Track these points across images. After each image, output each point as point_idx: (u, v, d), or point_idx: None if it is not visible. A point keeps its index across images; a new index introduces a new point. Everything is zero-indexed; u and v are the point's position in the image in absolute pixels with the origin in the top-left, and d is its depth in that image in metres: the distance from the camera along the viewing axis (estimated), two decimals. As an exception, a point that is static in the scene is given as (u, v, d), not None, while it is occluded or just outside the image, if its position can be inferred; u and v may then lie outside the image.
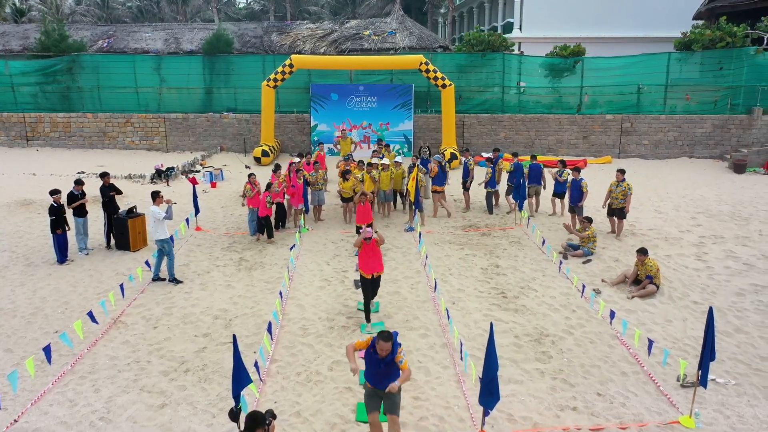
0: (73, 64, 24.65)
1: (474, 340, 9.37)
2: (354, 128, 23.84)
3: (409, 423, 7.18)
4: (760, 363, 8.62)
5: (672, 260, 12.66)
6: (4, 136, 25.16)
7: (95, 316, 9.39)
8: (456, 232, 14.98)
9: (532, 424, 7.18)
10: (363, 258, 9.60)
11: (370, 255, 9.59)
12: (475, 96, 23.85)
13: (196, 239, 14.54)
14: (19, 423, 7.19)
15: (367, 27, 26.59)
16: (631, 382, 8.15)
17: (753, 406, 7.55)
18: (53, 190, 12.87)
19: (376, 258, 9.63)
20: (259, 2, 59.08)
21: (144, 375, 8.37)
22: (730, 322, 9.89)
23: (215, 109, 24.62)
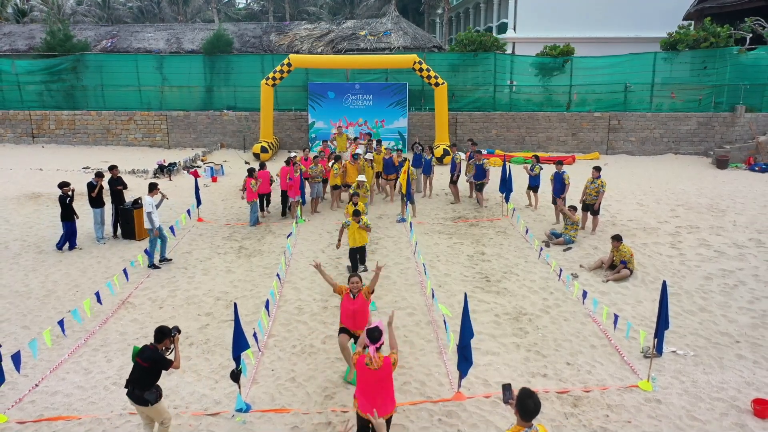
0: (78, 64, 25.38)
1: (457, 318, 10.05)
2: (350, 125, 24.56)
3: (394, 387, 7.90)
4: (719, 337, 9.36)
5: (648, 248, 13.39)
6: (10, 133, 25.88)
7: (101, 298, 10.16)
8: (446, 222, 15.71)
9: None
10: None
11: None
12: (468, 94, 24.59)
13: (198, 230, 15.26)
14: (40, 387, 7.93)
15: (363, 27, 27.32)
16: (599, 354, 8.89)
17: (707, 374, 8.29)
18: (62, 182, 13.60)
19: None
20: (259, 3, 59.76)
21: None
22: (695, 303, 10.63)
23: (215, 107, 25.36)
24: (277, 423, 7.12)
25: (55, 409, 7.37)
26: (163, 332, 6.43)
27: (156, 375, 6.34)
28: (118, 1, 70.71)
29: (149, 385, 6.29)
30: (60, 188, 13.44)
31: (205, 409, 7.45)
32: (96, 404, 7.53)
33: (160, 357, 6.33)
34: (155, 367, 6.28)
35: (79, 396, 7.71)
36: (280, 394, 7.80)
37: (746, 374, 8.26)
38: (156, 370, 6.31)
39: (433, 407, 7.46)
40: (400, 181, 15.92)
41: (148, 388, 6.27)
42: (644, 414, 7.36)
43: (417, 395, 7.74)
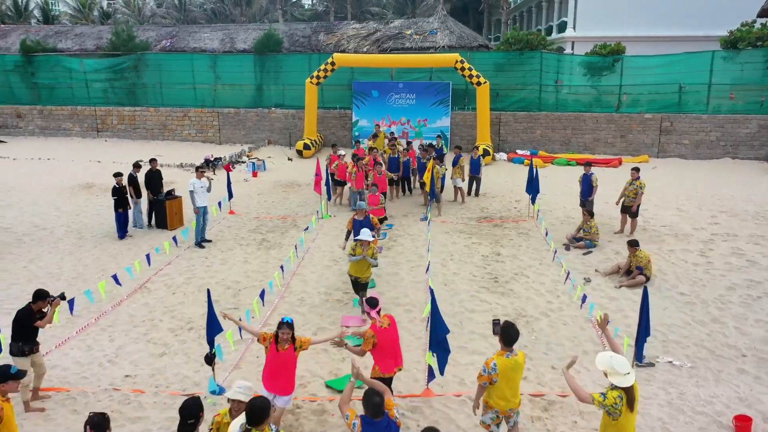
0: (139, 62, 26.83)
1: (453, 316, 10.05)
2: (393, 124, 24.71)
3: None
4: (724, 350, 8.89)
5: (673, 255, 12.82)
6: (78, 127, 27.69)
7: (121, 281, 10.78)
8: (470, 222, 15.59)
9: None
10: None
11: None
12: (513, 94, 24.19)
13: (228, 222, 15.84)
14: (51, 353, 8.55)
15: (410, 26, 27.38)
16: (589, 360, 8.62)
17: (699, 387, 7.91)
18: (116, 173, 14.50)
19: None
20: (323, 3, 60.85)
21: (154, 330, 9.61)
22: (709, 313, 10.10)
23: (264, 105, 26.15)
24: (245, 407, 7.37)
25: (50, 381, 7.93)
26: (38, 295, 7.39)
27: (26, 329, 7.21)
28: (194, 4, 73.84)
29: (18, 338, 7.19)
30: (114, 177, 14.34)
31: (184, 389, 7.82)
32: (87, 379, 8.06)
33: (27, 314, 7.23)
34: (21, 321, 7.20)
35: (74, 371, 8.27)
36: (258, 380, 8.05)
37: (742, 389, 7.82)
38: (24, 325, 7.17)
39: (400, 401, 7.51)
40: (425, 179, 15.92)
41: (16, 340, 7.20)
42: (617, 422, 7.11)
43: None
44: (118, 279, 10.57)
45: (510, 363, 5.94)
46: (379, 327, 6.71)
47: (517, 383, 6.10)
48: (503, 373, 5.88)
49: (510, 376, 5.95)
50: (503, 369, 5.88)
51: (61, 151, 24.96)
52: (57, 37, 29.94)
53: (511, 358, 5.94)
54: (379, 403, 4.94)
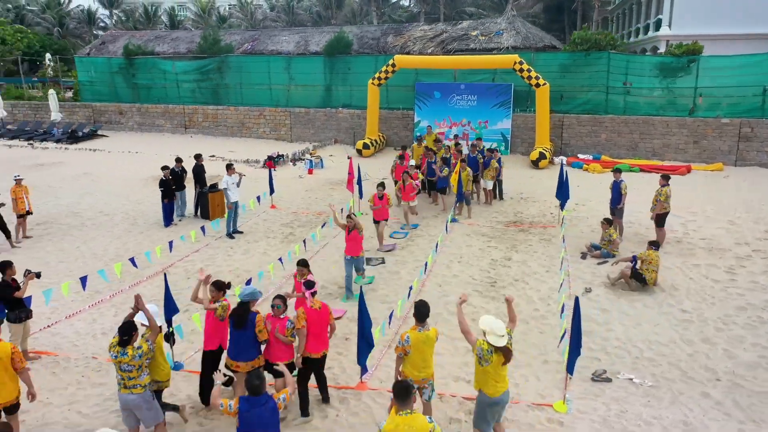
0: (222, 64, 28.81)
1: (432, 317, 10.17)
2: (454, 125, 24.72)
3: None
4: (699, 372, 8.37)
5: (696, 270, 12.03)
6: (168, 124, 30.23)
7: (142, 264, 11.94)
8: (497, 226, 15.43)
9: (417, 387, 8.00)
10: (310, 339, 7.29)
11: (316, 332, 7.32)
12: (578, 96, 23.34)
13: (267, 215, 16.79)
14: (51, 329, 9.74)
15: (476, 27, 27.12)
16: (545, 370, 8.50)
17: (647, 406, 7.56)
18: (163, 166, 15.95)
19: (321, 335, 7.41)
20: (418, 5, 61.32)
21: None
22: (702, 332, 9.49)
23: (333, 105, 27.11)
24: (194, 382, 8.04)
25: (47, 345, 9.08)
26: (3, 265, 8.50)
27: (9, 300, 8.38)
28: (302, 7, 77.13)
29: (12, 308, 8.40)
30: (162, 170, 15.80)
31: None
32: (77, 347, 9.13)
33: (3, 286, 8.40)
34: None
35: (71, 339, 9.39)
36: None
37: (694, 414, 7.38)
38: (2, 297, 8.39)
39: (333, 392, 7.85)
40: (451, 181, 15.96)
41: (11, 310, 8.39)
42: (537, 430, 7.03)
43: (330, 380, 8.15)
44: (135, 262, 11.71)
45: (421, 336, 6.62)
46: (309, 307, 7.24)
47: (428, 355, 6.73)
48: (415, 345, 6.56)
49: (421, 348, 6.62)
50: (415, 341, 6.57)
51: (150, 146, 27.38)
52: (156, 42, 32.82)
53: (423, 332, 6.65)
54: (257, 385, 5.38)
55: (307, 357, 7.21)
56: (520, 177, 20.57)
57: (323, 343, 7.30)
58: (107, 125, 31.34)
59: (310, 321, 7.15)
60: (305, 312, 7.16)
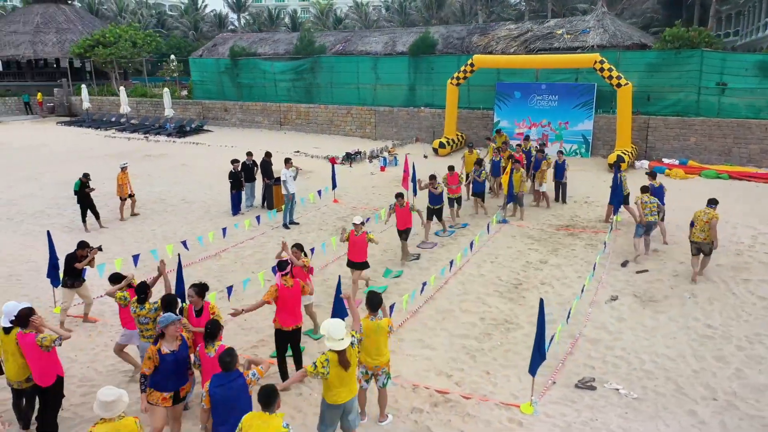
0: (315, 64, 30.22)
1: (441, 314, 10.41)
2: (533, 126, 24.23)
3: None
4: (696, 389, 7.95)
5: (744, 285, 11.20)
6: (266, 121, 32.23)
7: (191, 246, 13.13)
8: (547, 229, 15.14)
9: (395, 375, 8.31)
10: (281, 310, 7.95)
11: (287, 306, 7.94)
12: (666, 97, 21.95)
13: (327, 208, 17.61)
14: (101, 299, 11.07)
15: (562, 26, 26.19)
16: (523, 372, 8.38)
17: (621, 417, 7.36)
18: (233, 159, 17.33)
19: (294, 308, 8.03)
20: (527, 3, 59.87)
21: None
22: (720, 349, 8.93)
23: (416, 104, 27.53)
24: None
25: (93, 312, 10.39)
26: (80, 245, 9.89)
27: (71, 268, 9.70)
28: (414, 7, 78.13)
29: (66, 274, 9.76)
30: (231, 164, 17.19)
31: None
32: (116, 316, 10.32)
33: (71, 257, 9.75)
34: (68, 263, 9.75)
35: (114, 309, 10.58)
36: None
37: (669, 430, 7.08)
38: (70, 266, 9.74)
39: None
40: (501, 181, 15.84)
41: (65, 276, 9.77)
42: (493, 428, 7.12)
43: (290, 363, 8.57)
44: (187, 245, 12.93)
45: (373, 325, 6.88)
46: (282, 285, 7.91)
47: (380, 344, 6.97)
48: (366, 333, 6.85)
49: (372, 337, 6.89)
50: (366, 329, 6.86)
51: (246, 141, 29.35)
52: (260, 43, 35.03)
53: (375, 321, 6.92)
54: (228, 362, 5.84)
55: (279, 329, 7.89)
56: (593, 181, 19.84)
57: (295, 318, 7.95)
58: (213, 121, 34.00)
59: (282, 297, 7.80)
60: (277, 289, 7.79)
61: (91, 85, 41.73)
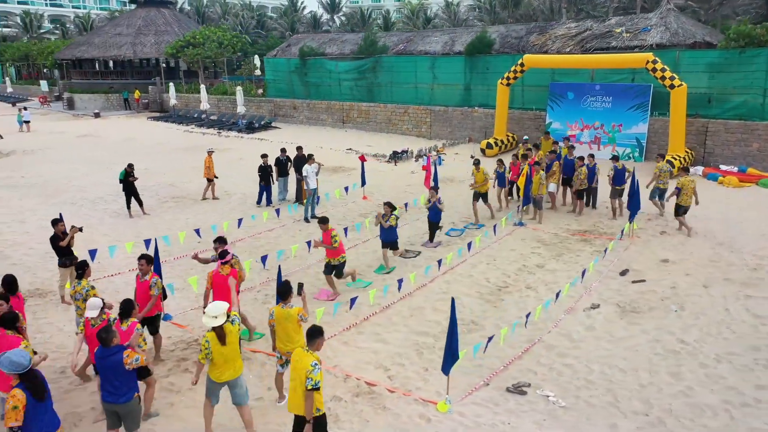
0: (376, 64, 30.72)
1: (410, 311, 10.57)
2: (586, 128, 23.36)
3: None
4: (631, 403, 7.71)
5: (745, 301, 10.47)
6: (330, 119, 33.20)
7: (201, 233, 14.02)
8: (560, 233, 14.74)
9: (333, 365, 8.63)
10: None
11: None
12: (729, 99, 20.39)
13: (355, 205, 18.06)
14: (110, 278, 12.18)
15: (623, 24, 24.81)
16: (462, 372, 8.39)
17: (537, 424, 7.30)
18: (263, 154, 18.27)
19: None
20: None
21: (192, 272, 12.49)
22: (680, 365, 8.50)
23: (471, 104, 27.32)
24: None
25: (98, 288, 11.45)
26: (54, 221, 10.79)
27: (58, 248, 10.65)
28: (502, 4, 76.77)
29: (61, 255, 10.70)
30: (261, 158, 18.13)
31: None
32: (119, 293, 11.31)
33: (53, 237, 10.70)
34: (53, 243, 10.70)
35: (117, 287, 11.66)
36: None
37: (579, 439, 6.92)
38: (55, 245, 10.69)
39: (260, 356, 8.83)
40: (519, 183, 15.55)
41: (60, 256, 10.69)
42: (400, 421, 7.27)
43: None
44: (199, 233, 13.85)
45: (284, 313, 7.34)
46: (218, 272, 8.60)
47: (291, 331, 7.39)
48: (278, 320, 7.38)
49: (283, 324, 7.38)
50: (278, 316, 7.38)
51: (307, 137, 30.37)
52: (329, 44, 36.04)
53: (285, 309, 7.35)
54: (104, 338, 6.33)
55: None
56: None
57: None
58: (283, 118, 35.48)
59: (216, 283, 8.49)
60: (211, 276, 8.45)
61: (180, 83, 44.76)
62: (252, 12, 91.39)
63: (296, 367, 6.06)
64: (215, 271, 8.56)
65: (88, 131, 36.03)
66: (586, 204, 16.70)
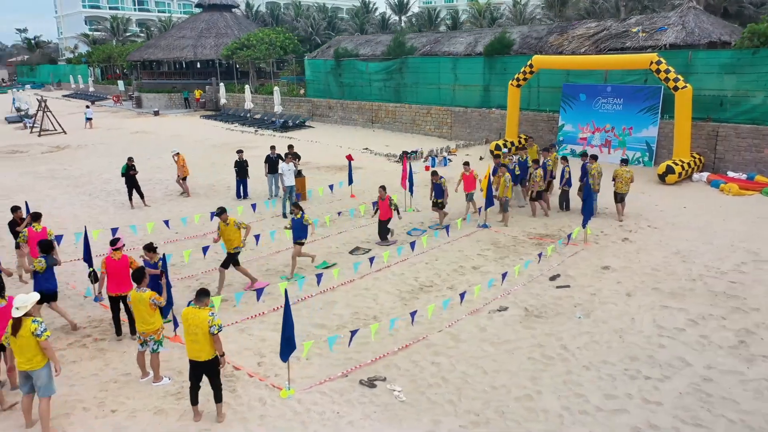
0: (402, 66, 31.02)
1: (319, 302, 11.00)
2: (597, 131, 22.68)
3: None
4: (467, 403, 7.80)
5: (657, 312, 10.15)
6: (360, 118, 33.86)
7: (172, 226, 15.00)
8: (518, 237, 14.62)
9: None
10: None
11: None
12: (742, 102, 19.20)
13: (341, 203, 18.54)
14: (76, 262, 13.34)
15: (641, 23, 23.62)
16: (330, 363, 8.74)
17: (365, 415, 7.60)
18: (238, 150, 19.34)
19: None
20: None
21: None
22: (542, 371, 8.49)
23: (489, 105, 27.11)
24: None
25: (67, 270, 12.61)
26: (13, 209, 12.20)
27: (14, 232, 11.79)
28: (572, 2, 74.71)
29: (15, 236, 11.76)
30: (237, 154, 19.10)
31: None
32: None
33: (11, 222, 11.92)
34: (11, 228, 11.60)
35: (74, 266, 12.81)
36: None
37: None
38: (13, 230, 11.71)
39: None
40: (481, 186, 15.50)
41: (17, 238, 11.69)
42: (237, 402, 7.76)
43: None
44: (168, 224, 14.85)
45: (137, 296, 8.14)
46: (111, 258, 9.45)
47: (143, 313, 8.11)
48: (134, 303, 8.19)
49: (137, 307, 8.13)
50: (133, 299, 8.17)
51: (333, 137, 31.19)
52: (365, 45, 36.63)
53: (139, 292, 8.12)
54: None
55: (110, 295, 9.46)
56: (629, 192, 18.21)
57: (123, 286, 9.42)
58: (320, 118, 36.52)
59: (109, 267, 9.36)
60: (105, 262, 9.34)
61: (232, 83, 46.89)
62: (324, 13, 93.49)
63: (191, 323, 7.15)
64: (108, 257, 9.37)
65: (142, 128, 38.62)
66: (561, 207, 16.42)
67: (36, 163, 26.53)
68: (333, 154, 26.43)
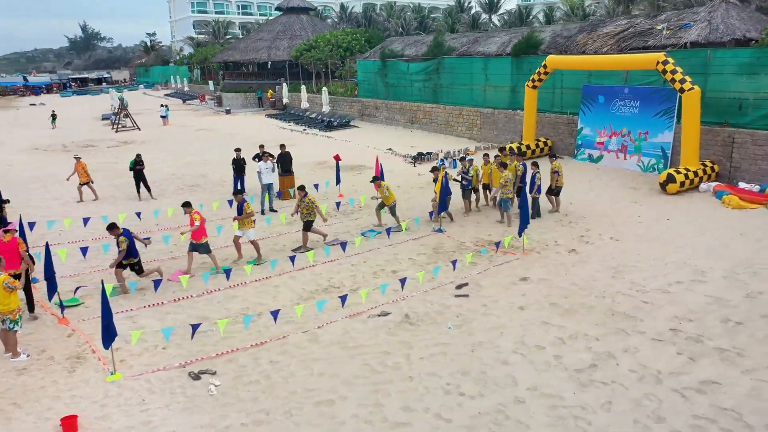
0: (440, 66, 30.66)
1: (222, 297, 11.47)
2: (614, 135, 21.31)
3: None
4: (272, 402, 7.90)
5: (529, 325, 9.59)
6: (402, 119, 33.94)
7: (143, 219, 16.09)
8: (467, 242, 14.26)
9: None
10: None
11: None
12: (762, 105, 17.22)
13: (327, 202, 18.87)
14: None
15: (669, 19, 21.51)
16: (176, 353, 9.18)
17: (165, 404, 7.91)
18: (236, 148, 20.03)
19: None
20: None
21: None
22: (390, 382, 8.38)
23: (516, 106, 26.21)
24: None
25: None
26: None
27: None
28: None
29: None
30: (235, 152, 19.93)
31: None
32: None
33: None
34: None
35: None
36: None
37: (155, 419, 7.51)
38: None
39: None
40: (435, 190, 15.19)
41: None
42: (66, 382, 8.40)
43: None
44: (140, 215, 15.94)
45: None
46: (1, 240, 10.46)
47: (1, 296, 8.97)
48: None
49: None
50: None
51: (370, 137, 31.51)
52: (412, 45, 36.46)
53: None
54: None
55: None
56: (622, 201, 17.10)
57: (13, 265, 10.35)
58: (368, 118, 37.02)
59: (1, 249, 10.32)
60: None
61: (298, 83, 48.56)
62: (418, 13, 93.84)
63: None
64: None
65: (208, 126, 41.12)
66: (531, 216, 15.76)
67: (96, 156, 29.00)
68: (356, 153, 26.77)
